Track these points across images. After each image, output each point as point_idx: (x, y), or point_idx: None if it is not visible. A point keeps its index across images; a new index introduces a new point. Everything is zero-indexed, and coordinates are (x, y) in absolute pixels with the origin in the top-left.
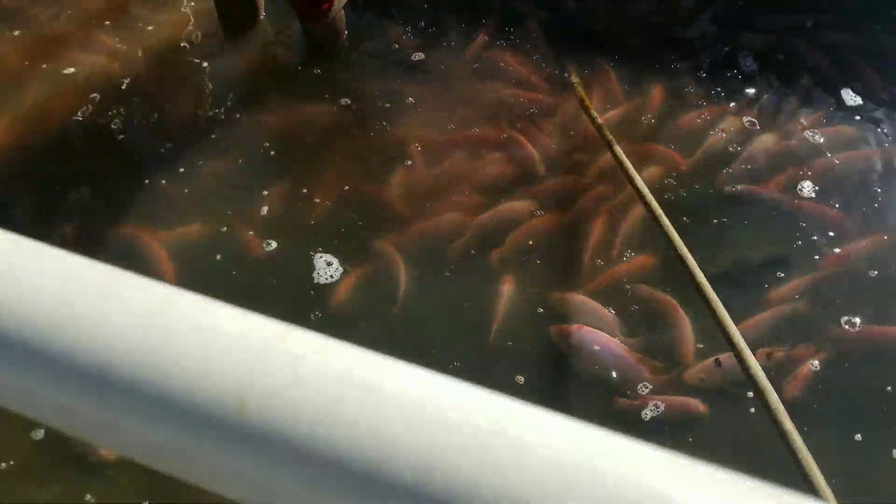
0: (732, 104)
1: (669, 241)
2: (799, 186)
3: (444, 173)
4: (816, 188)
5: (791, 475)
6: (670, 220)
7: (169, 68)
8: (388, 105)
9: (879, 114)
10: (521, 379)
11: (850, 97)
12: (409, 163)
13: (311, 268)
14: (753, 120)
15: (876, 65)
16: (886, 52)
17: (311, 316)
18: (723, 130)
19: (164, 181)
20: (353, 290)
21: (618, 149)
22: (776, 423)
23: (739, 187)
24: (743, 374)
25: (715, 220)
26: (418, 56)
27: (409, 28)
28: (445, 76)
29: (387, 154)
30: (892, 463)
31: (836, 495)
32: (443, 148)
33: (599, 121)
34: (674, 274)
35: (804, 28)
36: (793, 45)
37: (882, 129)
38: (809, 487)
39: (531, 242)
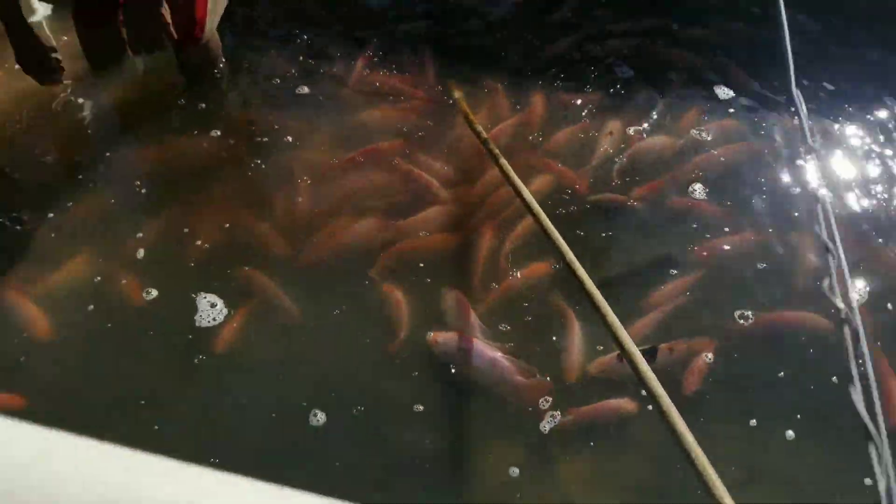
0: (614, 111)
1: (558, 251)
2: (690, 187)
3: (331, 203)
4: (706, 187)
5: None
6: (561, 230)
7: (36, 107)
8: (270, 136)
9: (750, 105)
10: (420, 407)
11: (723, 92)
12: (294, 194)
13: (194, 310)
14: (637, 124)
15: (739, 58)
16: (746, 44)
17: (195, 361)
18: (610, 135)
19: (31, 227)
20: (239, 331)
21: (504, 162)
22: (667, 422)
23: (628, 191)
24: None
25: (604, 226)
26: (302, 89)
27: (289, 57)
28: (329, 104)
29: (270, 187)
30: (785, 444)
31: (734, 479)
32: (329, 177)
33: (485, 135)
34: (565, 282)
35: (670, 30)
36: (662, 47)
37: (755, 118)
38: (701, 482)
39: (423, 264)
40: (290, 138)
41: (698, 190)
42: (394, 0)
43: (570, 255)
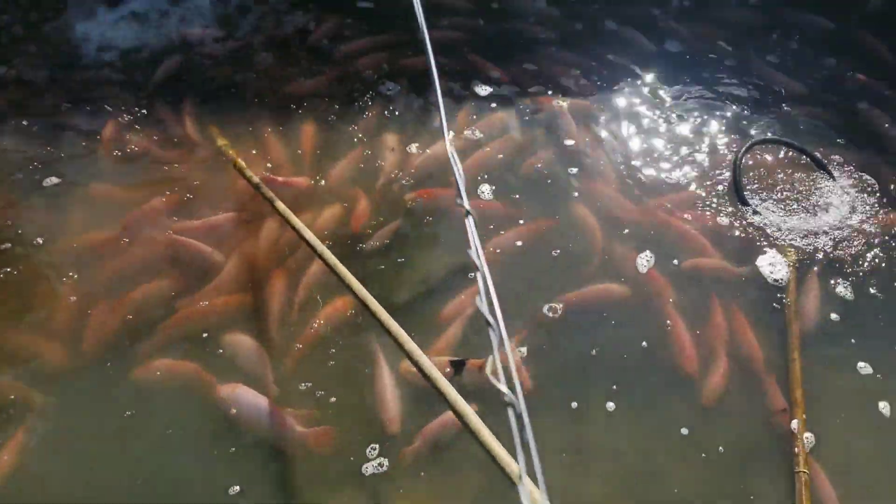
0: (390, 127)
1: (348, 287)
2: (479, 189)
3: (100, 292)
4: (493, 185)
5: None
6: (356, 261)
7: None
8: (16, 240)
9: (507, 95)
10: (236, 487)
11: (482, 89)
12: (57, 293)
13: None
14: (415, 136)
15: (487, 53)
16: (492, 39)
17: None
18: (392, 150)
19: None
20: (15, 456)
21: (281, 205)
22: (479, 442)
23: (418, 206)
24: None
25: (399, 248)
26: (50, 179)
27: (26, 147)
28: (82, 186)
29: (26, 293)
30: (606, 416)
31: (566, 464)
32: (93, 266)
33: (256, 180)
34: (363, 318)
35: (417, 38)
36: (415, 56)
37: (517, 107)
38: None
39: (206, 333)
40: (40, 239)
41: (486, 191)
42: (134, 61)
43: (361, 290)
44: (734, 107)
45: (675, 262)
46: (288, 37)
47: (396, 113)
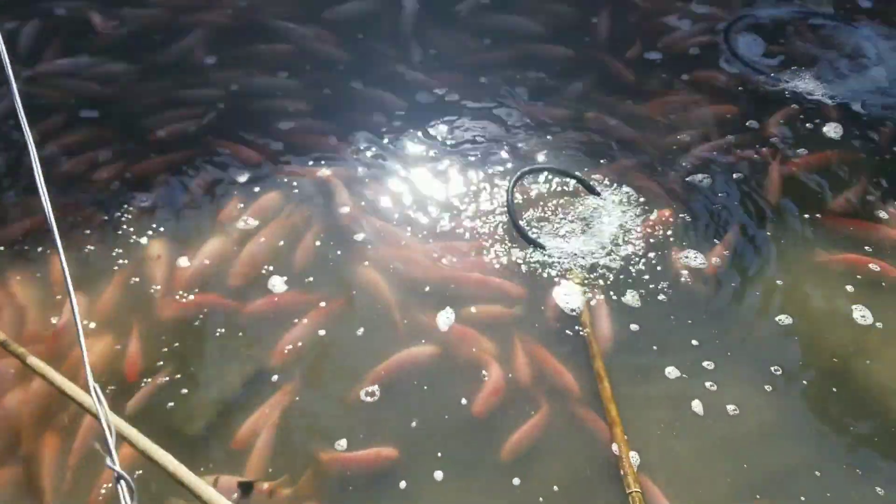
0: (150, 236)
1: (126, 440)
2: (269, 283)
3: None
4: (283, 276)
5: None
6: (136, 401)
7: None
8: None
9: (268, 175)
10: None
11: (241, 174)
12: None
13: None
14: (181, 242)
15: (236, 138)
16: (238, 122)
17: None
18: (158, 259)
19: None
20: None
21: (33, 360)
22: None
23: (195, 322)
24: None
25: (180, 373)
26: None
27: None
28: None
29: None
30: (437, 487)
31: None
32: None
33: (1, 336)
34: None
35: (155, 142)
36: (158, 157)
37: (282, 184)
38: None
39: None
40: None
41: (277, 283)
42: None
43: (142, 440)
44: (498, 145)
45: (474, 310)
46: (21, 162)
47: (154, 225)
